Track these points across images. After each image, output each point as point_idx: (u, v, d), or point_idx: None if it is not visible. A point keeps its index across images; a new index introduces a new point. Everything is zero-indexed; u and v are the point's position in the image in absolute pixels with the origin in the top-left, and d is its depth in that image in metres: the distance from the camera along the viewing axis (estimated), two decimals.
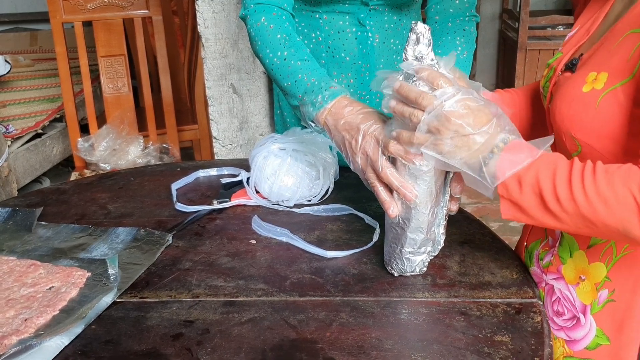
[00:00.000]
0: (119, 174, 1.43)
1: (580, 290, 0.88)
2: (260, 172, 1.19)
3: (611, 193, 0.70)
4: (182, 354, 0.79)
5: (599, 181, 0.71)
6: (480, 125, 0.78)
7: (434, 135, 0.80)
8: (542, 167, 0.75)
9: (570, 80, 0.83)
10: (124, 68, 2.30)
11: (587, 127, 0.78)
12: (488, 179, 0.78)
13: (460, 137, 0.79)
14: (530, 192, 0.76)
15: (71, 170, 2.75)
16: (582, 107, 0.78)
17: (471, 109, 0.79)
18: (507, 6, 4.22)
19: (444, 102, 0.79)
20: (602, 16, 0.87)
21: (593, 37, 0.88)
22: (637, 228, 0.70)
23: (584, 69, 0.81)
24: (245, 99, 1.94)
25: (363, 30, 1.30)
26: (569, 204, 0.73)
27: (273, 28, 1.12)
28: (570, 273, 0.89)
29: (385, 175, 0.88)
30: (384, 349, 0.79)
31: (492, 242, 1.05)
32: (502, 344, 0.80)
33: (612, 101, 0.76)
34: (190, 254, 1.05)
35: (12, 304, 0.89)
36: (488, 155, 0.78)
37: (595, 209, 0.71)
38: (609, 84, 0.76)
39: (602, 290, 0.85)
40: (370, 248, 1.03)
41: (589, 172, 0.72)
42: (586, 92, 0.78)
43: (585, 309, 0.88)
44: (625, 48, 0.76)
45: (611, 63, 0.77)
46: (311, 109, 1.01)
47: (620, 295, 0.84)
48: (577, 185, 0.72)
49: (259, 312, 0.88)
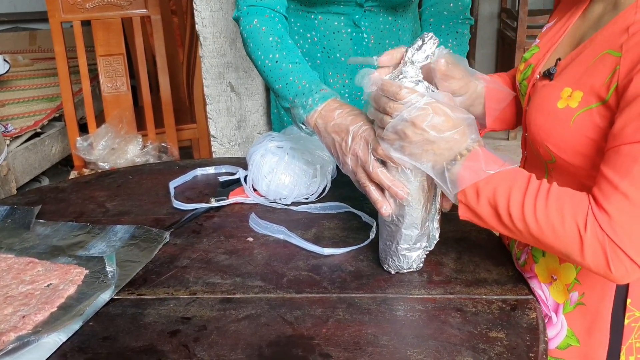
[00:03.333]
0: (117, 172, 1.44)
1: (553, 289, 0.89)
2: (258, 170, 1.19)
3: (558, 221, 0.73)
4: (179, 351, 0.80)
5: (550, 207, 0.73)
6: (445, 130, 0.80)
7: (401, 138, 0.82)
8: (500, 182, 0.77)
9: (546, 90, 0.83)
10: (123, 67, 2.30)
11: (561, 143, 0.79)
12: (449, 185, 0.81)
13: (426, 141, 0.81)
14: (486, 204, 0.78)
15: (70, 169, 2.76)
16: (556, 123, 0.79)
17: (437, 114, 0.80)
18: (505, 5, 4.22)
19: (408, 107, 0.81)
20: (579, 12, 0.87)
21: (571, 37, 0.87)
22: (578, 256, 0.73)
23: (560, 80, 0.81)
24: (243, 97, 1.95)
25: (358, 32, 1.30)
26: (520, 223, 0.76)
27: (265, 30, 1.13)
28: (543, 272, 0.90)
29: (376, 175, 0.89)
30: (380, 345, 0.80)
31: (488, 239, 1.06)
32: (498, 340, 0.80)
33: (586, 121, 0.76)
34: (188, 252, 1.05)
35: (10, 300, 0.89)
36: (451, 162, 0.80)
37: (543, 232, 0.74)
38: (583, 103, 0.76)
39: (573, 292, 0.87)
40: (367, 245, 1.04)
41: (542, 195, 0.74)
42: (561, 108, 0.78)
43: (558, 307, 0.88)
44: (601, 69, 0.75)
45: (586, 82, 0.77)
46: (302, 111, 1.02)
47: (590, 299, 0.85)
48: (529, 207, 0.75)
49: (256, 308, 0.88)
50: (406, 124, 0.81)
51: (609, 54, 0.75)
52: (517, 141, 3.76)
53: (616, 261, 0.71)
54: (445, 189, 0.82)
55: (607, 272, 0.72)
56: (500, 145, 3.68)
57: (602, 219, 0.71)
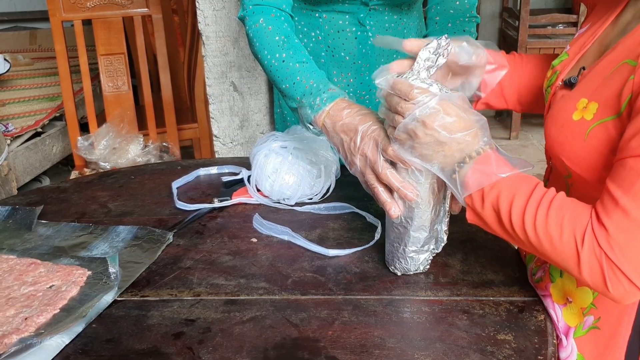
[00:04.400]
0: (119, 172, 1.43)
1: (567, 311, 0.86)
2: (262, 170, 1.18)
3: (557, 233, 0.71)
4: (184, 353, 0.79)
5: (550, 217, 0.72)
6: (456, 131, 0.78)
7: (412, 138, 0.81)
8: (504, 188, 0.76)
9: (563, 101, 0.80)
10: (124, 66, 2.29)
11: (575, 157, 0.76)
12: (459, 188, 0.79)
13: (437, 142, 0.79)
14: (490, 208, 0.77)
15: (71, 169, 2.75)
16: (571, 137, 0.76)
17: (449, 114, 0.79)
18: (507, 5, 4.21)
19: (420, 107, 0.79)
20: (612, 18, 0.83)
21: (599, 45, 0.83)
22: (575, 270, 0.71)
23: (579, 89, 0.78)
24: (246, 97, 1.94)
25: (363, 30, 1.29)
26: (519, 232, 0.74)
27: (272, 29, 1.12)
28: (558, 293, 0.87)
29: (385, 176, 0.88)
30: (387, 347, 0.79)
31: (494, 240, 1.05)
32: (506, 342, 0.79)
33: (601, 134, 0.72)
34: (191, 253, 1.04)
35: (13, 302, 0.88)
36: (460, 164, 0.79)
37: (541, 243, 0.73)
38: (598, 115, 0.73)
39: (588, 316, 0.84)
40: (372, 246, 1.03)
41: (544, 204, 0.72)
42: (576, 120, 0.76)
43: (569, 331, 0.86)
44: (617, 80, 0.72)
45: (602, 93, 0.73)
46: (309, 111, 1.01)
47: (605, 324, 0.82)
48: (529, 217, 0.73)
49: (261, 310, 0.87)
50: (417, 124, 0.80)
51: (627, 64, 0.71)
52: (518, 141, 3.75)
53: (614, 280, 0.68)
54: (455, 191, 0.80)
55: (605, 291, 0.69)
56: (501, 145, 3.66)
57: (600, 235, 0.68)
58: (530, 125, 3.96)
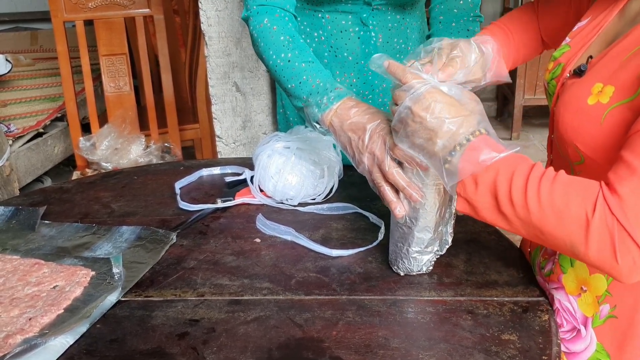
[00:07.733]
0: (122, 172, 1.43)
1: (582, 301, 0.85)
2: (265, 170, 1.18)
3: (564, 205, 0.68)
4: (188, 353, 0.79)
5: (555, 190, 0.69)
6: (444, 117, 0.76)
7: (404, 127, 0.80)
8: (502, 169, 0.73)
9: (575, 87, 0.80)
10: (126, 67, 2.29)
11: (591, 141, 0.75)
12: (445, 177, 0.77)
13: (424, 129, 0.78)
14: (486, 192, 0.74)
15: (72, 169, 2.75)
16: (586, 120, 0.76)
17: (437, 101, 0.77)
18: (508, 5, 4.21)
19: (410, 95, 0.79)
20: (617, 10, 0.84)
21: (605, 36, 0.85)
22: (583, 245, 0.68)
23: (591, 76, 0.78)
24: (249, 97, 1.94)
25: (366, 30, 1.29)
26: (521, 210, 0.71)
27: (276, 29, 1.12)
28: (572, 283, 0.86)
29: (391, 175, 0.88)
30: (391, 347, 0.79)
31: (498, 240, 1.05)
32: (510, 342, 0.79)
33: (618, 117, 0.72)
34: (195, 253, 1.04)
35: (17, 303, 0.88)
36: (450, 152, 0.76)
37: (546, 218, 0.70)
38: (615, 98, 0.73)
39: (604, 304, 0.83)
40: (376, 247, 1.03)
41: (547, 179, 0.70)
42: (591, 104, 0.75)
43: (587, 321, 0.85)
44: (635, 63, 0.72)
45: (619, 77, 0.73)
46: (316, 110, 1.01)
47: (622, 312, 0.82)
48: (532, 192, 0.70)
49: (265, 311, 0.87)
50: (407, 112, 0.79)
51: None
52: (519, 141, 3.75)
53: (624, 250, 0.65)
54: (443, 181, 0.78)
55: (613, 264, 0.66)
56: None
57: (613, 201, 0.66)
58: (531, 125, 3.96)
